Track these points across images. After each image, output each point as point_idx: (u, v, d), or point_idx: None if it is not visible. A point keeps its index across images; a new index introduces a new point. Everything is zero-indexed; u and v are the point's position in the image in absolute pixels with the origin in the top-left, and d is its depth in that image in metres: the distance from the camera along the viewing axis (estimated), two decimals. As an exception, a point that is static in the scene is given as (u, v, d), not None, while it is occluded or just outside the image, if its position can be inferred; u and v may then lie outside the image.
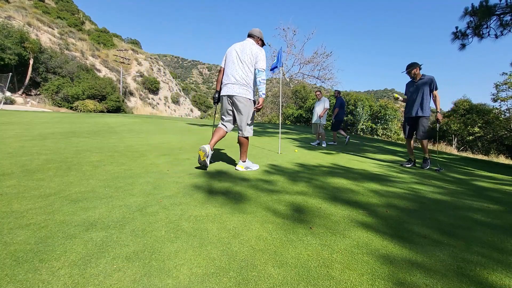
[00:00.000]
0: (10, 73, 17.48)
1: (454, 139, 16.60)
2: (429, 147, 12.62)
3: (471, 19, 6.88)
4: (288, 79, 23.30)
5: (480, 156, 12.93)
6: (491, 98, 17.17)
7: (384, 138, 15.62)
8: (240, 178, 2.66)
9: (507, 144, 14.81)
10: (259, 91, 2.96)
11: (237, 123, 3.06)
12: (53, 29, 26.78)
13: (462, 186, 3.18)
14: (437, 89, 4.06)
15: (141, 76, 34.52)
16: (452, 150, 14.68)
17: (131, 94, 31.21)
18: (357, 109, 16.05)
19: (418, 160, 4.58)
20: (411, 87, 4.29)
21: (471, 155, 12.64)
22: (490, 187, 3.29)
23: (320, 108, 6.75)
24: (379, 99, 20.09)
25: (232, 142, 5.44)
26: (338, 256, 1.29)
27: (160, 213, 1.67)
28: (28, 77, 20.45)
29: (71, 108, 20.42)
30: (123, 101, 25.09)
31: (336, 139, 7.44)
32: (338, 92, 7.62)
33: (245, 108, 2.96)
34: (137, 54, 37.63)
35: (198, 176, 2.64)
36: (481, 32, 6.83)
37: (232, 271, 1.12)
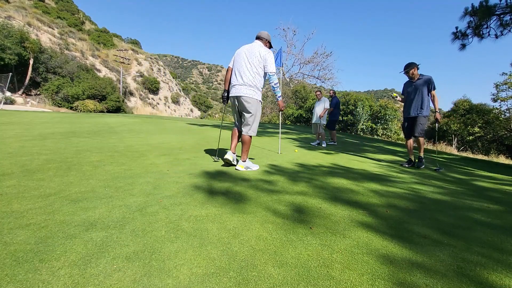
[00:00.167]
0: (10, 73, 17.47)
1: (454, 139, 16.61)
2: (429, 147, 12.62)
3: (471, 19, 6.89)
4: (288, 79, 23.30)
5: (480, 156, 12.93)
6: (491, 98, 17.22)
7: (384, 138, 15.62)
8: (240, 178, 2.66)
9: (507, 144, 14.83)
10: (276, 95, 3.27)
11: (242, 122, 3.17)
12: (53, 29, 26.78)
13: (462, 186, 3.18)
14: (435, 89, 4.06)
15: (141, 76, 34.50)
16: (452, 150, 14.69)
17: (131, 94, 31.20)
18: (357, 109, 16.05)
19: (418, 160, 4.58)
20: (409, 87, 4.28)
21: (471, 155, 12.65)
22: (490, 187, 3.29)
23: (320, 108, 6.77)
24: (379, 99, 20.09)
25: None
26: (338, 256, 1.29)
27: (160, 213, 1.67)
28: (28, 77, 20.44)
29: (71, 108, 20.41)
30: (123, 101, 25.08)
31: (336, 139, 7.45)
32: (333, 92, 7.72)
33: (252, 108, 3.05)
34: (137, 54, 37.60)
35: (198, 176, 2.64)
36: (481, 32, 6.84)
37: (232, 271, 1.12)
